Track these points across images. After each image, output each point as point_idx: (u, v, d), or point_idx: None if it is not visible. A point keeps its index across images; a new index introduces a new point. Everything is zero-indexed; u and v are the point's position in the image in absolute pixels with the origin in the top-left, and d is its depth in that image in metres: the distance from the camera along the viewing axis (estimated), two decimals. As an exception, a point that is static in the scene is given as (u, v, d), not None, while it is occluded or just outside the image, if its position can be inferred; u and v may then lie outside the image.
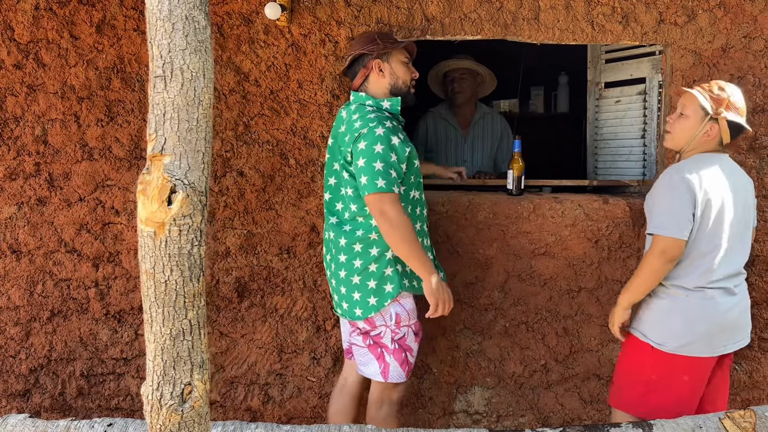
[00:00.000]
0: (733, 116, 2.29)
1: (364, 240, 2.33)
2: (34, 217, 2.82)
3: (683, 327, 2.28)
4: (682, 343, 2.28)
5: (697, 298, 2.28)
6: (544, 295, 2.87)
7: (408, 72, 2.45)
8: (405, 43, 2.46)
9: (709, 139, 2.32)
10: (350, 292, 2.37)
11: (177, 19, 1.33)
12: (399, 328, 2.36)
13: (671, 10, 2.72)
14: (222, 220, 2.83)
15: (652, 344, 2.32)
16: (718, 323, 2.29)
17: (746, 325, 2.40)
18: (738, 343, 2.37)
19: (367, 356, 2.40)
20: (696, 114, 2.32)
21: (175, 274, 1.36)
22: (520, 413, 2.94)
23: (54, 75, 2.77)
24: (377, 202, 2.20)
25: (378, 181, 2.20)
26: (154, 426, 1.41)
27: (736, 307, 2.33)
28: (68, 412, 2.91)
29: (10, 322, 2.87)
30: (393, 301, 2.34)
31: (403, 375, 2.39)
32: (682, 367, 2.30)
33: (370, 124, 2.26)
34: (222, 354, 2.90)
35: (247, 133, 2.80)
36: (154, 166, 1.34)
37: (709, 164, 2.30)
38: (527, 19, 2.72)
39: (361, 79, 2.44)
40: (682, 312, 2.29)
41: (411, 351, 2.42)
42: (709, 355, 2.30)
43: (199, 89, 1.36)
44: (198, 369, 1.41)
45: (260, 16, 2.72)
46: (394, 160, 2.24)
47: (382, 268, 2.33)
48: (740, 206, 2.31)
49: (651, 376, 2.33)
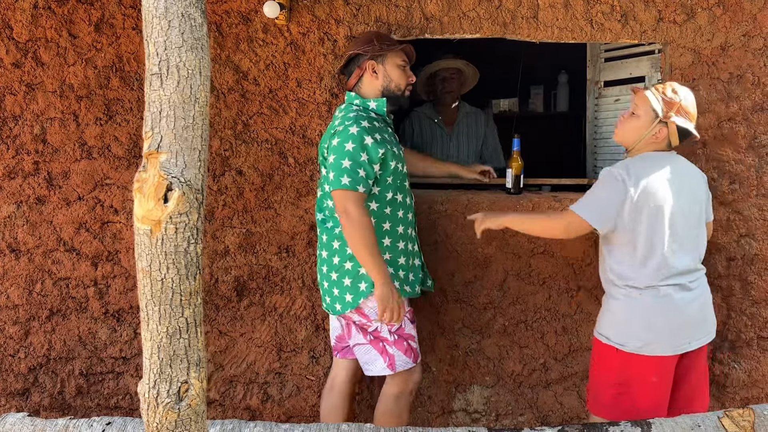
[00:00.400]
0: (682, 121, 2.30)
1: (340, 237, 2.35)
2: (33, 216, 2.82)
3: (642, 326, 2.28)
4: (643, 343, 2.27)
5: (650, 296, 2.28)
6: (543, 294, 2.87)
7: (403, 76, 2.45)
8: (401, 45, 2.45)
9: (657, 141, 2.33)
10: (330, 288, 2.40)
11: (173, 16, 1.33)
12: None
13: (670, 9, 2.71)
14: (221, 219, 2.83)
15: (615, 346, 2.31)
16: (676, 320, 2.29)
17: (707, 320, 2.39)
18: (702, 339, 2.36)
19: (370, 353, 2.41)
20: (647, 115, 2.32)
21: (171, 272, 1.36)
22: (519, 412, 2.94)
23: (53, 74, 2.77)
24: (341, 199, 2.22)
25: (343, 178, 2.21)
26: (151, 424, 1.41)
27: (694, 302, 2.32)
28: (67, 410, 2.91)
29: (9, 320, 2.87)
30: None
31: (410, 361, 2.40)
32: (649, 367, 2.28)
33: (346, 122, 2.29)
34: (221, 353, 2.90)
35: (245, 131, 2.80)
36: (150, 163, 1.34)
37: (653, 163, 2.30)
38: (526, 18, 2.72)
39: (355, 79, 2.46)
40: (638, 311, 2.29)
41: (412, 338, 2.43)
42: (672, 353, 2.29)
43: (195, 87, 1.36)
44: (195, 367, 1.41)
45: (259, 14, 2.72)
46: (363, 160, 2.24)
47: (357, 267, 2.33)
48: (688, 203, 2.31)
49: (620, 379, 2.31)
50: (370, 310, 2.36)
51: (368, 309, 2.36)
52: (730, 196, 2.78)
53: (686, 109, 2.32)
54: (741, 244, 2.81)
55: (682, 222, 2.30)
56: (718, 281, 2.82)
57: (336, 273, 2.38)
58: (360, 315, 2.38)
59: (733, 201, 2.78)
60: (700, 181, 2.41)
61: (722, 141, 2.77)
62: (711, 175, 2.78)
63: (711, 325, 2.41)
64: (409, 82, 2.48)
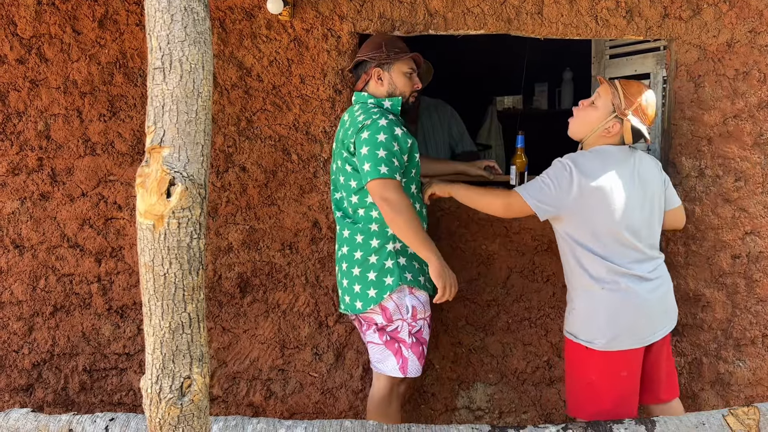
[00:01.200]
0: (637, 121, 2.28)
1: (364, 231, 2.35)
2: (37, 212, 2.83)
3: (606, 322, 2.27)
4: (609, 338, 2.26)
5: (611, 291, 2.26)
6: (546, 291, 2.86)
7: (409, 84, 2.46)
8: (410, 54, 2.45)
9: (609, 135, 2.31)
10: (351, 284, 2.38)
11: (176, 10, 1.32)
12: (416, 321, 2.36)
13: (676, 5, 2.70)
14: (224, 215, 2.82)
15: (584, 344, 2.30)
16: (639, 312, 2.28)
17: (669, 309, 2.38)
18: (666, 328, 2.36)
19: (384, 353, 2.39)
20: (605, 108, 2.31)
21: (174, 267, 1.35)
22: (522, 410, 2.93)
23: (56, 70, 2.77)
24: (379, 188, 2.22)
25: (381, 167, 2.21)
26: (154, 419, 1.41)
27: (656, 291, 2.31)
28: (71, 406, 2.91)
29: (13, 317, 2.87)
30: (409, 294, 2.34)
31: (420, 369, 2.38)
32: (618, 363, 2.28)
33: (373, 116, 2.29)
34: (224, 349, 2.90)
35: (249, 128, 2.79)
36: (153, 158, 1.34)
37: (604, 156, 2.28)
38: (531, 14, 2.71)
39: (362, 83, 2.48)
40: (601, 307, 2.28)
41: (426, 344, 2.42)
42: (639, 345, 2.29)
43: (198, 81, 1.35)
44: (197, 362, 1.41)
45: (262, 10, 2.72)
46: (396, 150, 2.26)
47: (383, 260, 2.33)
48: (641, 194, 2.29)
49: (592, 377, 2.30)
50: (394, 307, 2.34)
51: (392, 307, 2.34)
52: (736, 194, 2.77)
53: (645, 110, 2.30)
54: (746, 242, 2.79)
55: (637, 213, 2.28)
56: (722, 278, 2.81)
57: (359, 268, 2.35)
58: (383, 316, 2.36)
59: (738, 198, 2.77)
60: (654, 170, 2.38)
61: (728, 138, 2.76)
62: (716, 172, 2.76)
63: (673, 313, 2.40)
64: (414, 89, 2.49)
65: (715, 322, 2.83)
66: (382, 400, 2.43)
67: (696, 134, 2.76)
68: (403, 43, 2.49)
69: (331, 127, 2.77)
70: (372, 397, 2.48)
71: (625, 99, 2.29)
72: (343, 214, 2.43)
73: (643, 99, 2.30)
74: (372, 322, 2.39)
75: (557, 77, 5.31)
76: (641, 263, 2.29)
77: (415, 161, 2.40)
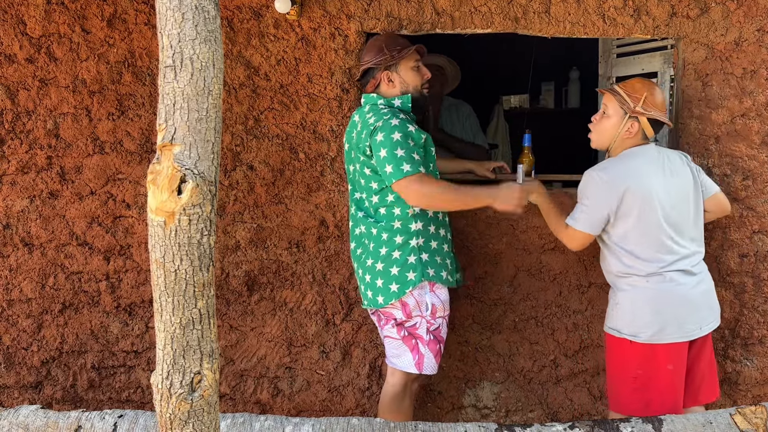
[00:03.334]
0: (651, 112, 2.33)
1: (388, 229, 2.37)
2: (46, 211, 2.84)
3: (652, 314, 2.31)
4: (654, 331, 2.29)
5: (656, 283, 2.31)
6: (553, 290, 2.86)
7: (418, 76, 2.48)
8: (412, 49, 2.46)
9: (631, 136, 2.38)
10: (374, 279, 2.40)
11: (187, 8, 1.33)
12: (434, 319, 2.38)
13: (683, 3, 2.70)
14: (232, 213, 2.83)
15: (628, 338, 2.33)
16: (684, 305, 2.32)
17: (712, 305, 2.41)
18: (711, 324, 2.38)
19: (400, 348, 2.41)
20: (617, 113, 2.38)
21: (185, 263, 1.36)
22: (529, 408, 2.93)
23: (66, 69, 2.79)
24: (407, 186, 2.25)
25: (403, 166, 2.24)
26: (164, 415, 1.42)
27: (699, 286, 2.36)
28: (79, 404, 2.93)
29: (22, 314, 2.89)
30: (430, 292, 2.36)
31: (435, 367, 2.41)
32: (663, 355, 2.31)
33: (384, 117, 2.31)
34: (232, 347, 2.91)
35: (257, 127, 2.81)
36: (164, 155, 1.35)
37: (633, 159, 2.35)
38: (538, 13, 2.71)
39: (371, 87, 2.50)
40: (647, 299, 2.32)
41: (443, 343, 2.44)
42: (684, 339, 2.32)
43: (209, 79, 1.36)
44: (207, 358, 1.42)
45: (270, 10, 2.72)
46: (413, 145, 2.29)
47: (406, 255, 2.35)
48: (675, 188, 2.34)
49: (637, 371, 2.33)
50: (414, 304, 2.36)
51: (412, 303, 2.36)
52: (744, 192, 2.76)
53: (653, 99, 2.35)
54: (754, 241, 2.79)
55: (676, 208, 2.33)
56: (730, 278, 2.80)
57: (382, 263, 2.37)
58: (403, 311, 2.38)
59: (746, 197, 2.76)
60: (683, 162, 2.42)
61: (735, 137, 2.75)
62: (724, 170, 2.76)
63: (716, 310, 2.44)
64: (424, 79, 2.50)
65: (723, 321, 2.82)
66: (396, 395, 2.45)
67: (704, 133, 2.76)
68: (402, 39, 2.51)
69: (339, 126, 2.77)
70: (385, 393, 2.49)
71: (630, 98, 2.36)
72: (365, 213, 2.45)
73: (646, 91, 2.36)
74: (391, 317, 2.41)
75: (564, 76, 5.30)
76: (684, 258, 2.34)
77: (432, 155, 2.43)
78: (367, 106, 2.44)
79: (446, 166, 2.94)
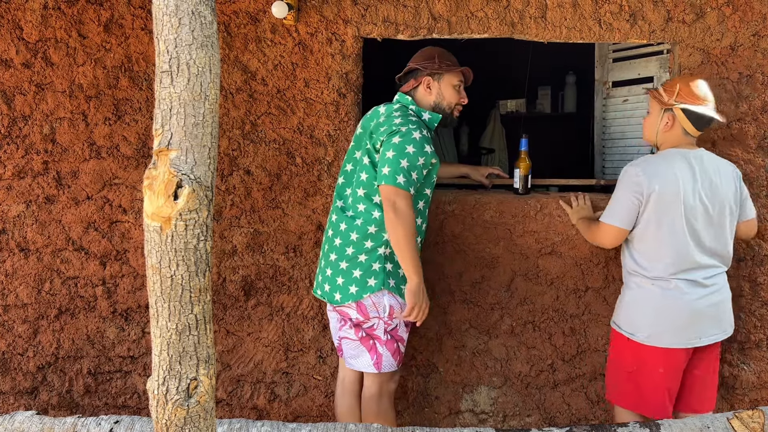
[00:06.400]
0: (688, 105, 2.31)
1: (362, 231, 2.37)
2: (42, 216, 2.84)
3: (651, 316, 2.33)
4: (651, 333, 2.32)
5: (660, 287, 2.33)
6: (550, 295, 2.86)
7: (456, 96, 2.52)
8: (460, 68, 2.51)
9: (670, 130, 2.37)
10: (335, 276, 2.41)
11: (183, 14, 1.33)
12: (391, 320, 2.40)
13: (679, 8, 2.71)
14: (229, 218, 2.83)
15: (626, 335, 2.38)
16: (685, 313, 2.31)
17: (722, 318, 2.39)
18: (713, 336, 2.37)
19: (358, 349, 2.43)
20: (654, 108, 2.40)
21: (181, 268, 1.36)
22: (526, 413, 2.93)
23: (62, 74, 2.79)
24: (391, 194, 2.25)
25: (399, 177, 2.25)
26: (160, 421, 1.41)
27: (706, 298, 2.34)
28: (75, 409, 2.92)
29: (18, 319, 2.88)
30: (388, 294, 2.37)
31: (395, 364, 2.42)
32: (656, 358, 2.33)
33: (410, 125, 2.33)
34: (228, 352, 2.90)
35: (253, 131, 2.80)
36: (160, 160, 1.34)
37: (670, 159, 2.33)
38: (534, 18, 2.72)
39: (408, 87, 2.52)
40: (649, 301, 2.35)
41: (402, 341, 2.45)
42: (681, 346, 2.32)
43: (205, 84, 1.36)
44: (204, 364, 1.41)
45: (267, 14, 2.73)
46: (420, 165, 2.30)
47: (371, 261, 2.36)
48: (709, 200, 2.32)
49: (631, 367, 2.38)
50: (370, 305, 2.37)
51: (369, 304, 2.37)
52: (740, 197, 2.77)
53: (692, 92, 2.33)
54: (750, 245, 2.79)
55: (701, 218, 2.31)
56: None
57: (346, 263, 2.38)
58: (359, 312, 2.39)
59: (742, 201, 2.77)
60: (729, 178, 2.39)
61: (732, 141, 2.76)
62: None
63: (727, 325, 2.42)
64: (460, 102, 2.54)
65: (720, 325, 2.83)
66: (372, 397, 2.46)
67: (700, 137, 2.76)
68: (454, 57, 2.54)
69: (335, 130, 2.77)
70: (363, 396, 2.51)
71: (665, 92, 2.36)
72: (344, 205, 2.46)
73: (681, 83, 2.35)
74: (347, 316, 2.43)
75: (560, 81, 5.31)
76: (698, 269, 2.33)
77: (432, 180, 2.44)
78: (398, 105, 2.47)
79: (441, 171, 2.93)
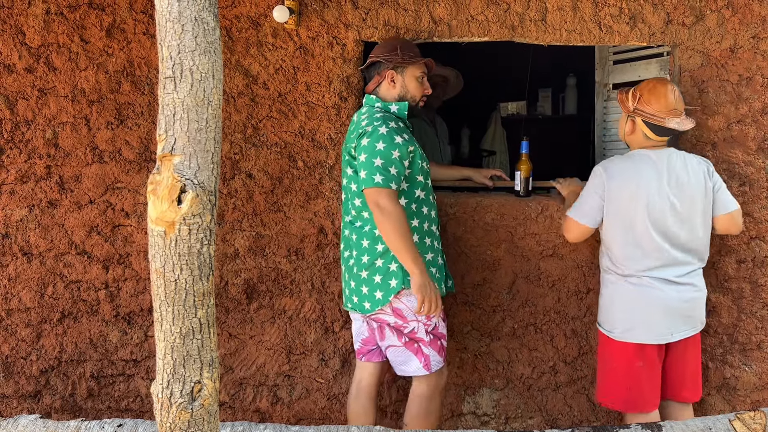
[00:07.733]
0: (649, 113, 2.35)
1: (370, 236, 2.38)
2: (45, 220, 2.85)
3: (624, 312, 2.39)
4: (625, 329, 2.38)
5: (631, 284, 2.38)
6: (552, 297, 2.86)
7: (420, 88, 2.51)
8: (423, 60, 2.50)
9: (632, 134, 2.43)
10: (359, 286, 2.42)
11: (186, 20, 1.34)
12: (429, 320, 2.40)
13: (679, 11, 2.71)
14: (231, 222, 2.84)
15: (605, 333, 2.44)
16: (657, 309, 2.35)
17: (693, 316, 2.42)
18: (684, 332, 2.40)
19: (405, 354, 2.42)
20: (622, 113, 2.49)
21: (185, 272, 1.37)
22: (528, 415, 2.93)
23: (65, 78, 2.80)
24: (373, 195, 2.26)
25: (375, 176, 2.25)
26: (164, 424, 1.42)
27: (681, 295, 2.37)
28: (78, 413, 2.92)
29: (21, 323, 2.89)
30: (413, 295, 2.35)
31: (441, 361, 2.44)
32: (633, 353, 2.38)
33: (375, 123, 2.33)
34: (231, 355, 2.91)
35: (255, 135, 2.81)
36: (164, 166, 1.35)
37: (632, 159, 2.38)
38: (534, 21, 2.73)
39: (374, 85, 2.51)
40: (620, 297, 2.41)
41: (444, 337, 2.47)
42: (653, 342, 2.37)
43: (208, 90, 1.37)
44: (207, 367, 1.42)
45: (268, 19, 2.74)
46: (395, 157, 2.28)
47: (387, 264, 2.36)
48: (674, 198, 2.33)
49: (613, 365, 2.44)
50: (405, 309, 2.37)
51: (403, 308, 2.37)
52: (740, 198, 2.77)
53: (649, 99, 2.36)
54: (751, 247, 2.80)
55: (671, 216, 2.34)
56: (728, 283, 2.81)
57: (366, 271, 2.39)
58: (396, 316, 2.38)
59: (743, 203, 2.77)
60: (698, 173, 2.40)
61: (732, 143, 2.77)
62: (721, 177, 2.76)
63: (698, 322, 2.46)
64: (424, 93, 2.53)
65: (721, 326, 2.83)
66: (423, 397, 2.46)
67: (700, 139, 2.77)
68: (416, 48, 2.54)
69: (337, 134, 2.78)
70: (413, 396, 2.48)
71: (630, 97, 2.40)
72: (351, 218, 2.47)
73: (646, 90, 2.38)
74: (384, 322, 2.42)
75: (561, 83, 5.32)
76: (669, 267, 2.36)
77: (419, 166, 2.40)
78: (365, 108, 2.47)
79: (443, 173, 2.95)
